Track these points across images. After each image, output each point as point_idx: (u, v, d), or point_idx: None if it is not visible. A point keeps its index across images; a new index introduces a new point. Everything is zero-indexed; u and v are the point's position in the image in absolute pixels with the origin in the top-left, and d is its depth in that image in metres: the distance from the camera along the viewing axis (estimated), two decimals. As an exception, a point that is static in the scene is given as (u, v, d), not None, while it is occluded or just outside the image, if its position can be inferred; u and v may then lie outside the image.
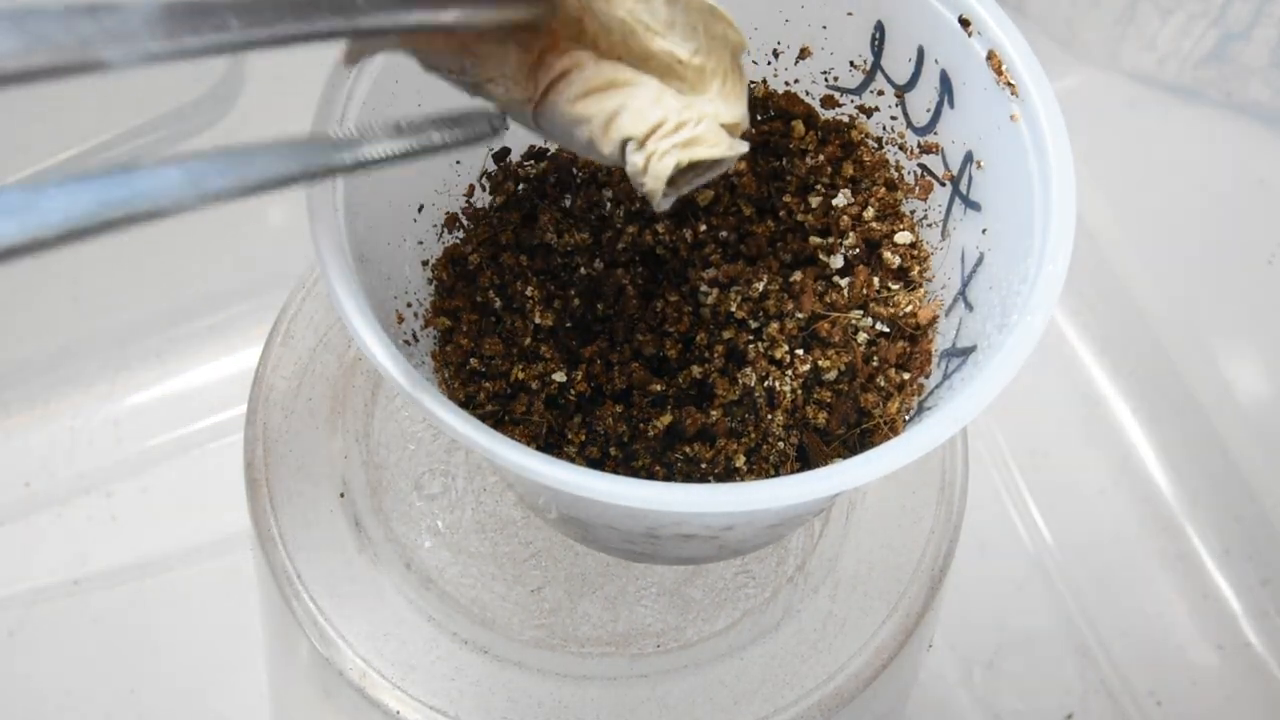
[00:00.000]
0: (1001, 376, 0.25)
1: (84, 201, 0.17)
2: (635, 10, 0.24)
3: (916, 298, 0.32)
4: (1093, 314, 0.59)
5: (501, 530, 0.37)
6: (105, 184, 0.17)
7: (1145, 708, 0.51)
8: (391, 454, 0.38)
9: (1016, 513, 0.55)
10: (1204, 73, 0.56)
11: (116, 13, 0.17)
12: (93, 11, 0.17)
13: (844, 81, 0.33)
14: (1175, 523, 0.54)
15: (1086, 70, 0.59)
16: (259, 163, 0.20)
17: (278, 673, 0.43)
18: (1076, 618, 0.53)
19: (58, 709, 0.51)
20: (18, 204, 0.16)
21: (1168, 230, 0.59)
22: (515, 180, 0.34)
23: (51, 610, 0.52)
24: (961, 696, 0.51)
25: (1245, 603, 0.52)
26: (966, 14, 0.29)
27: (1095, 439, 0.57)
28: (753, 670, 0.35)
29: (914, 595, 0.36)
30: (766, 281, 0.31)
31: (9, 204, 0.16)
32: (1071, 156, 0.27)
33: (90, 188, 0.17)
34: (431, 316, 0.32)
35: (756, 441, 0.30)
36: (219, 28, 0.18)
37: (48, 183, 0.17)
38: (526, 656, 0.35)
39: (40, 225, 0.16)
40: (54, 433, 0.56)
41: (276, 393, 0.38)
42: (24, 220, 0.16)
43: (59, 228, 0.16)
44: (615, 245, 0.33)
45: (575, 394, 0.30)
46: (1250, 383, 0.55)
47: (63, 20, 0.16)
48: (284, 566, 0.35)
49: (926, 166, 0.32)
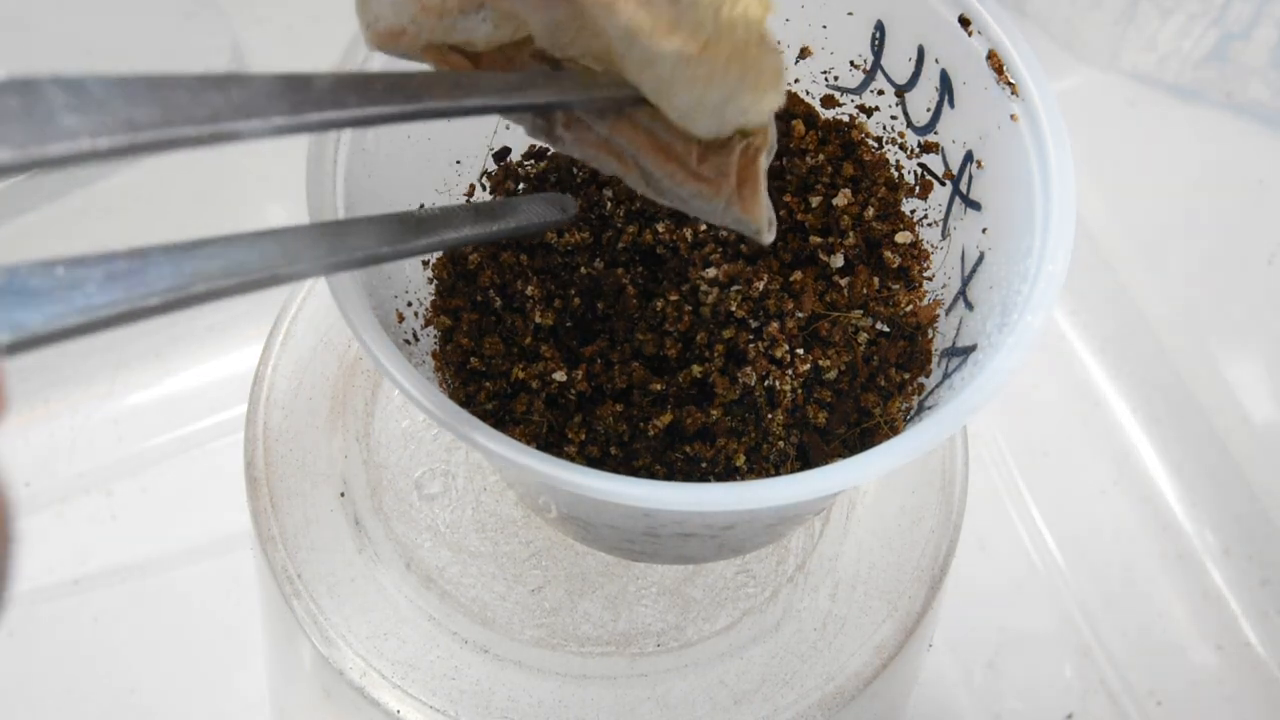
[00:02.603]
0: (1001, 376, 0.25)
1: (186, 271, 0.17)
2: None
3: (917, 297, 0.32)
4: (1093, 314, 0.59)
5: (502, 530, 0.37)
6: (205, 254, 0.18)
7: (1145, 708, 0.51)
8: (391, 454, 0.38)
9: (1016, 513, 0.55)
10: (1204, 73, 0.56)
11: (245, 87, 0.17)
12: (222, 85, 0.17)
13: (844, 81, 0.33)
14: (1175, 523, 0.54)
15: (1086, 70, 0.59)
16: (349, 239, 0.21)
17: (278, 673, 0.43)
18: (1076, 618, 0.53)
19: (58, 709, 0.51)
20: (126, 271, 0.17)
21: (1168, 230, 0.59)
22: (515, 180, 0.34)
23: (51, 610, 0.52)
24: (961, 696, 0.51)
25: (1245, 603, 0.52)
26: (967, 13, 0.29)
27: (1095, 439, 0.56)
28: (753, 670, 0.35)
29: (914, 595, 0.36)
30: (767, 281, 0.31)
31: (118, 271, 0.17)
32: (1071, 156, 0.27)
33: (191, 258, 0.18)
34: (432, 316, 0.32)
35: (757, 441, 0.30)
36: (338, 104, 0.19)
37: (151, 250, 0.17)
38: (526, 656, 0.35)
39: (147, 293, 0.17)
40: (54, 433, 0.56)
41: (276, 393, 0.38)
42: (131, 287, 0.17)
43: (164, 296, 0.17)
44: (615, 245, 0.33)
45: (575, 393, 0.30)
46: (1250, 383, 0.54)
47: (193, 92, 0.17)
48: (284, 566, 0.35)
49: (927, 166, 0.32)
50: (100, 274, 0.16)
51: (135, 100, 0.16)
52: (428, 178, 0.32)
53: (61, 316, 0.16)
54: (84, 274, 0.16)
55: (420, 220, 0.23)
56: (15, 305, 0.15)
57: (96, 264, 0.16)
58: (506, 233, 0.25)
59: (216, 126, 0.17)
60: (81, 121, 0.15)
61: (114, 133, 0.16)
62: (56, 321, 0.16)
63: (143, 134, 0.16)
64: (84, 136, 0.15)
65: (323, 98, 0.19)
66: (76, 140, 0.15)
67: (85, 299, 0.16)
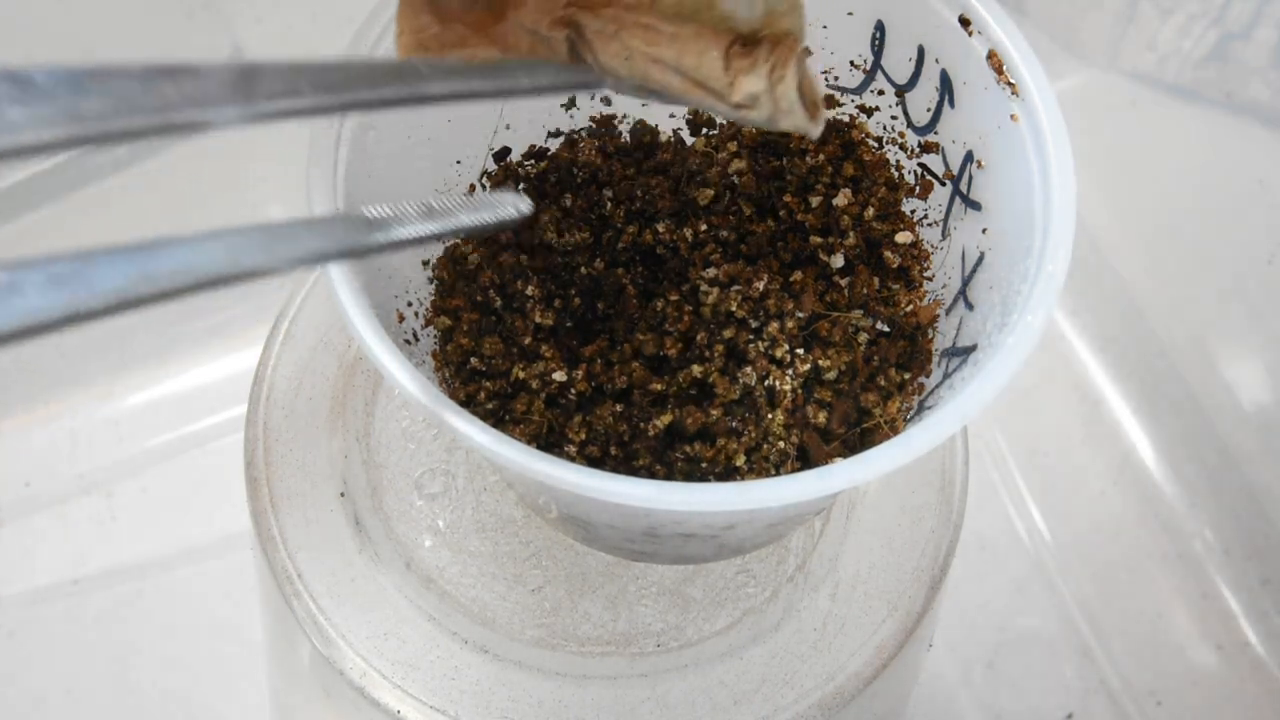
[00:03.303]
0: (1002, 376, 0.25)
1: (129, 273, 0.17)
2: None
3: (917, 297, 0.32)
4: (1093, 314, 0.59)
5: (502, 530, 0.37)
6: (149, 256, 0.17)
7: (1145, 708, 0.51)
8: (391, 454, 0.38)
9: (1016, 513, 0.55)
10: (1204, 73, 0.56)
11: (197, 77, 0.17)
12: (173, 75, 0.17)
13: (844, 81, 0.33)
14: (1175, 523, 0.54)
15: (1086, 70, 0.59)
16: (297, 240, 0.21)
17: (278, 673, 0.43)
18: (1076, 618, 0.53)
19: (58, 709, 0.51)
20: (68, 274, 0.16)
21: (1168, 230, 0.59)
22: (515, 179, 0.34)
23: (51, 610, 0.52)
24: (961, 696, 0.51)
25: (1245, 603, 0.52)
26: (967, 13, 0.29)
27: (1095, 439, 0.57)
28: (753, 670, 0.35)
29: (914, 595, 0.36)
30: (767, 281, 0.31)
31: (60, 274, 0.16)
32: (1071, 156, 0.27)
33: (135, 259, 0.17)
34: (432, 316, 0.32)
35: (757, 441, 0.30)
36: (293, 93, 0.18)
37: (95, 252, 0.17)
38: (527, 656, 0.35)
39: (89, 296, 0.16)
40: (54, 433, 0.56)
41: (276, 393, 0.38)
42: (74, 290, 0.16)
43: (106, 298, 0.17)
44: (615, 245, 0.33)
45: (575, 393, 0.30)
46: (1250, 382, 0.54)
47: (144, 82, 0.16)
48: (284, 566, 0.35)
49: (927, 166, 0.32)
50: (40, 277, 0.16)
51: (82, 91, 0.16)
52: (428, 177, 0.32)
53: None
54: (23, 277, 0.16)
55: (371, 221, 0.23)
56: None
57: (38, 267, 0.16)
58: (461, 231, 0.24)
59: (167, 117, 0.17)
60: (25, 114, 0.15)
61: (58, 125, 0.15)
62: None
63: (90, 125, 0.16)
64: (27, 129, 0.15)
65: (275, 87, 0.18)
66: (18, 134, 0.15)
67: (24, 302, 0.16)
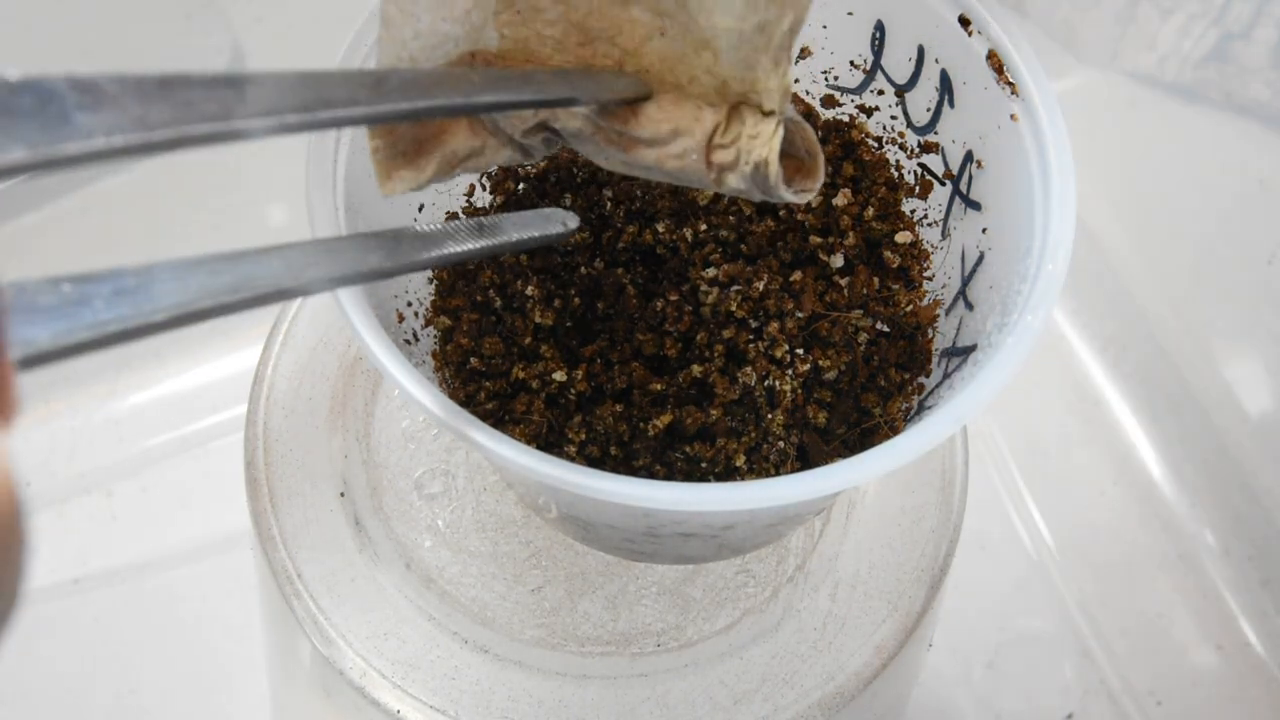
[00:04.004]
0: (1001, 375, 0.25)
1: (192, 286, 0.18)
2: None
3: (917, 297, 0.32)
4: (1093, 314, 0.59)
5: (502, 530, 0.37)
6: (210, 270, 0.18)
7: (1145, 708, 0.51)
8: (391, 454, 0.38)
9: (1016, 513, 0.55)
10: (1204, 73, 0.56)
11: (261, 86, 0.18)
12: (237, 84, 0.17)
13: (844, 81, 0.33)
14: (1175, 523, 0.54)
15: (1086, 70, 0.59)
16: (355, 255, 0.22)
17: (278, 672, 0.43)
18: (1076, 618, 0.53)
19: (58, 709, 0.51)
20: (133, 287, 0.17)
21: (1168, 230, 0.59)
22: (515, 179, 0.34)
23: (51, 610, 0.52)
24: (961, 696, 0.51)
25: (1245, 603, 0.52)
26: (967, 13, 0.29)
27: (1095, 439, 0.56)
28: (753, 670, 0.35)
29: (914, 595, 0.36)
30: (767, 281, 0.31)
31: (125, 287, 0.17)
32: (1071, 156, 0.27)
33: (197, 273, 0.18)
34: (431, 316, 0.32)
35: (756, 441, 0.30)
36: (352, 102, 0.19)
37: (157, 266, 0.17)
38: (527, 656, 0.35)
39: (153, 309, 0.17)
40: (54, 433, 0.56)
41: (276, 393, 0.38)
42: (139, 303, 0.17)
43: (169, 311, 0.17)
44: (615, 245, 0.33)
45: (575, 393, 0.30)
46: (1250, 383, 0.54)
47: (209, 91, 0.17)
48: (284, 566, 0.35)
49: (926, 166, 0.32)
50: (107, 290, 0.17)
51: (148, 98, 0.16)
52: (428, 178, 0.32)
53: (69, 333, 0.16)
54: (91, 290, 0.16)
55: (424, 236, 0.23)
56: (24, 322, 0.15)
57: (104, 280, 0.17)
58: (509, 248, 0.25)
59: (229, 124, 0.17)
60: (95, 120, 0.15)
61: (127, 131, 0.16)
62: (64, 338, 0.16)
63: (156, 132, 0.16)
64: (98, 135, 0.15)
65: (335, 95, 0.19)
66: (91, 139, 0.15)
67: (93, 315, 0.16)
